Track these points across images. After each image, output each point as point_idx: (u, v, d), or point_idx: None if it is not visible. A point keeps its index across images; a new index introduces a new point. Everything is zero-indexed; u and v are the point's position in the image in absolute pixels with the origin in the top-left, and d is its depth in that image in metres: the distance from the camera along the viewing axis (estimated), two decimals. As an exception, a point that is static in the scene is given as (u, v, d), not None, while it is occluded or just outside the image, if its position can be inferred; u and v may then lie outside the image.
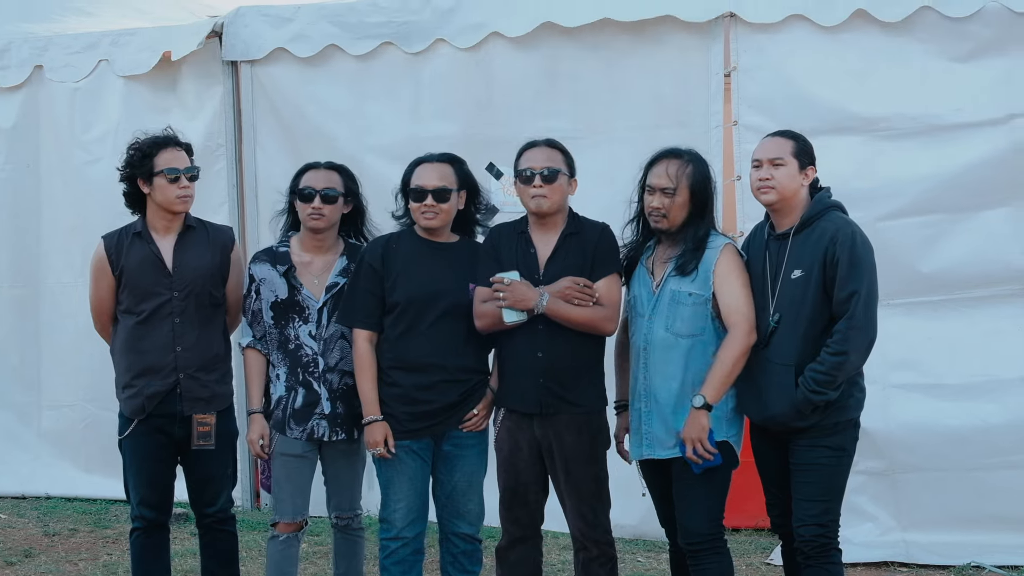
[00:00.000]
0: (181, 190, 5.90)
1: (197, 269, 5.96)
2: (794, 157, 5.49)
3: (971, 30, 7.22)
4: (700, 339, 5.51)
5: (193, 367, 5.94)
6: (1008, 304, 7.27)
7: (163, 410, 5.93)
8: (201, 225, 6.11)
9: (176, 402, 5.93)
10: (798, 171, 5.48)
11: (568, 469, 5.63)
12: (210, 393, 5.99)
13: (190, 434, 5.94)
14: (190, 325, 5.95)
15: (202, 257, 5.99)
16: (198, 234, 6.05)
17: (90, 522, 8.42)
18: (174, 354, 5.93)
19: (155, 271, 5.93)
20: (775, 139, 5.58)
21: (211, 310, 6.02)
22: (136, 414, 5.94)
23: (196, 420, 5.94)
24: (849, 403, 5.44)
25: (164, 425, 5.95)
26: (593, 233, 5.71)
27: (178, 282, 5.93)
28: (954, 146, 7.24)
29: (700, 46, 7.64)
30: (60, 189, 8.94)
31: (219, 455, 6.03)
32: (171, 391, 5.93)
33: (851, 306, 5.30)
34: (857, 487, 6.93)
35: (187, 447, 5.97)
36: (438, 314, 5.70)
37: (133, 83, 8.69)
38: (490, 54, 7.99)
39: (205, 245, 6.03)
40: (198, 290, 5.95)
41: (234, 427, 6.18)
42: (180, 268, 5.95)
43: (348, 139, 8.18)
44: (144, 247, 5.95)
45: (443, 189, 5.74)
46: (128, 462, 6.03)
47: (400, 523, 5.75)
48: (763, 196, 5.54)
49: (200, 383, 5.96)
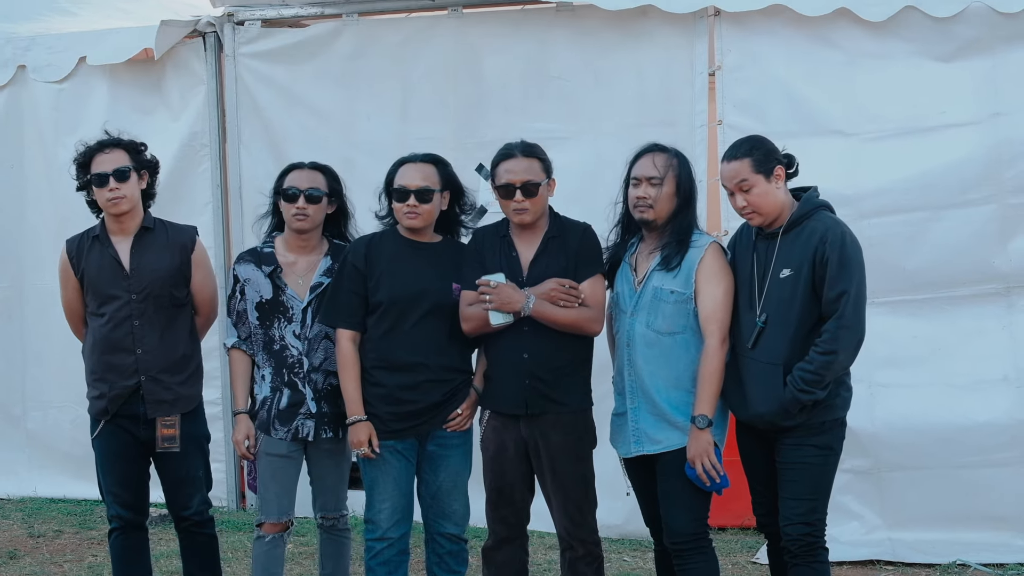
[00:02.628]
0: (110, 192, 5.89)
1: (155, 271, 5.94)
2: (756, 172, 5.43)
3: (955, 30, 7.25)
4: (682, 336, 5.52)
5: (155, 369, 5.92)
6: (991, 303, 7.30)
7: (127, 411, 5.93)
8: (161, 226, 6.09)
9: (139, 404, 5.92)
10: (766, 182, 5.44)
11: (554, 469, 5.63)
12: (173, 396, 5.96)
13: (154, 437, 5.94)
14: (150, 327, 5.93)
15: (160, 259, 5.97)
16: (156, 235, 6.03)
17: (75, 523, 8.40)
18: (135, 356, 5.91)
19: (113, 273, 5.93)
20: (731, 164, 5.48)
21: (173, 311, 6.00)
22: (100, 415, 5.95)
23: (159, 423, 5.92)
24: (836, 402, 5.45)
25: (129, 426, 5.94)
26: (575, 234, 5.71)
27: (135, 284, 5.92)
28: (938, 145, 7.27)
29: (684, 44, 7.67)
30: (44, 190, 8.91)
31: (187, 458, 6.01)
32: (134, 393, 5.92)
33: (840, 306, 5.30)
34: (843, 486, 6.94)
35: (154, 449, 5.97)
36: (421, 314, 5.70)
37: (118, 84, 8.66)
38: (476, 54, 8.01)
39: (164, 246, 6.01)
40: (156, 291, 5.93)
41: (203, 429, 6.15)
42: (137, 270, 5.93)
43: (334, 139, 8.17)
44: (102, 250, 5.96)
45: (426, 189, 5.74)
46: (99, 461, 6.03)
47: (385, 523, 5.74)
48: (751, 221, 5.53)
49: (163, 385, 5.94)
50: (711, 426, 5.44)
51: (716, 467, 5.43)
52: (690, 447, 5.45)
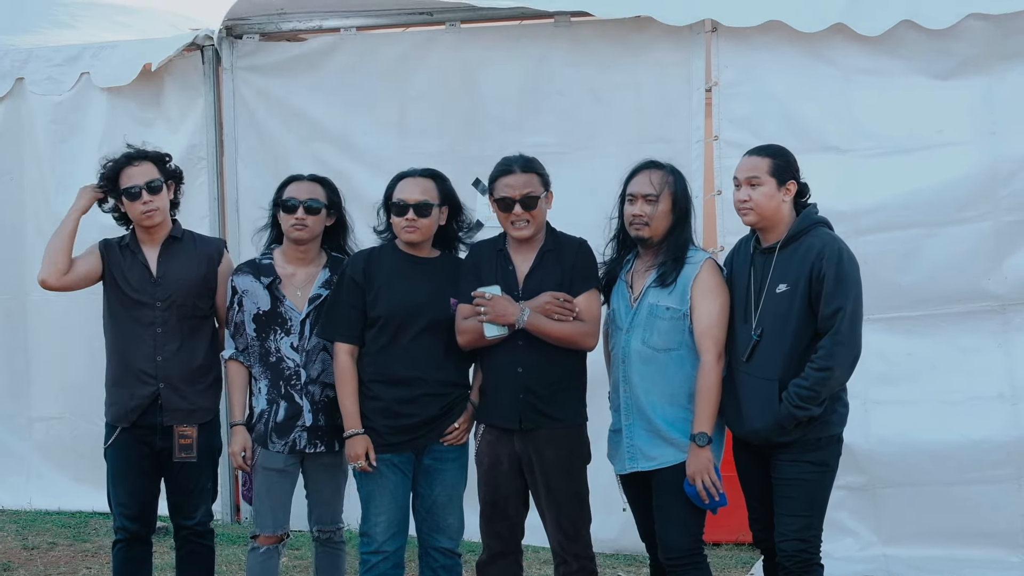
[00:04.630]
0: (143, 206, 5.93)
1: (181, 280, 5.98)
2: (771, 175, 5.48)
3: (952, 48, 7.27)
4: (677, 353, 5.53)
5: (174, 377, 5.95)
6: (986, 320, 7.32)
7: (145, 420, 5.94)
8: (190, 237, 6.16)
9: (157, 413, 5.94)
10: (776, 189, 5.48)
11: (549, 484, 5.63)
12: (191, 405, 5.99)
13: (171, 446, 5.95)
14: (172, 335, 5.96)
15: (188, 268, 6.01)
16: (185, 245, 6.08)
17: (69, 536, 8.39)
18: (155, 363, 5.94)
19: (142, 279, 5.97)
20: (752, 158, 5.57)
21: (196, 321, 6.03)
22: (119, 421, 5.96)
23: (177, 432, 5.95)
24: (832, 418, 5.45)
25: (146, 436, 5.95)
26: (571, 249, 5.73)
27: (161, 291, 5.95)
28: (934, 163, 7.30)
29: (681, 61, 7.68)
30: (43, 201, 8.92)
31: (200, 468, 6.03)
32: (152, 402, 5.93)
33: (836, 322, 5.31)
34: (838, 502, 6.92)
35: (169, 459, 5.97)
36: (419, 328, 5.71)
37: (116, 96, 8.67)
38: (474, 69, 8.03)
39: (192, 256, 6.06)
40: (180, 300, 5.97)
41: (218, 441, 6.19)
42: (164, 278, 5.97)
43: (330, 153, 8.18)
44: (133, 257, 6.00)
45: (425, 204, 5.75)
46: (111, 471, 6.04)
47: (381, 537, 5.74)
48: (743, 217, 5.56)
49: (180, 394, 5.96)
50: (711, 443, 5.45)
51: (716, 484, 5.44)
52: (690, 464, 5.45)
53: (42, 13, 9.62)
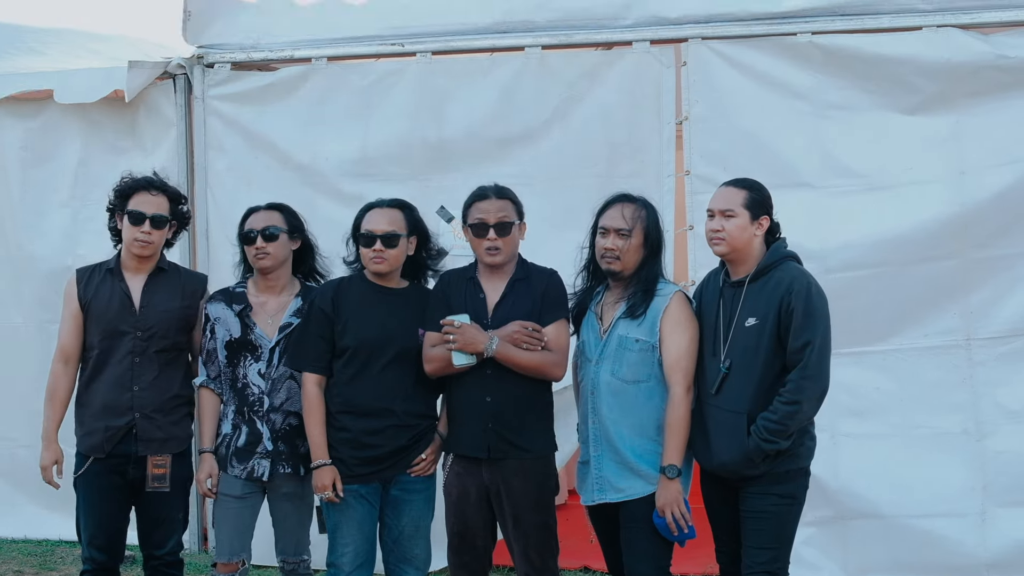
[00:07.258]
0: (141, 234, 5.93)
1: (164, 312, 5.98)
2: (745, 208, 5.52)
3: (917, 84, 7.31)
4: (646, 385, 5.55)
5: (149, 407, 5.94)
6: (953, 355, 7.33)
7: (119, 450, 5.92)
8: (175, 269, 6.16)
9: (131, 443, 5.92)
10: (749, 222, 5.52)
11: (516, 515, 5.63)
12: (165, 435, 5.97)
13: (144, 475, 5.92)
14: (149, 366, 5.95)
15: (171, 300, 6.02)
16: (170, 277, 6.08)
17: (35, 564, 8.32)
18: (131, 393, 5.92)
19: (122, 308, 5.95)
20: (728, 189, 5.61)
21: (173, 353, 6.03)
22: (94, 452, 5.93)
23: (151, 461, 5.93)
24: (800, 451, 5.47)
25: (119, 466, 5.93)
26: (541, 279, 5.75)
27: (142, 322, 5.94)
28: (904, 202, 7.30)
29: (652, 95, 7.68)
30: (11, 230, 8.85)
31: (172, 498, 6.01)
32: (128, 432, 5.91)
33: (805, 356, 5.33)
34: (806, 538, 6.98)
35: (141, 488, 5.95)
36: (388, 359, 5.71)
37: (91, 125, 8.59)
38: (442, 99, 8.03)
39: (176, 289, 6.06)
40: (161, 332, 5.97)
41: (189, 472, 6.16)
42: (146, 308, 5.97)
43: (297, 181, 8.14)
44: (114, 284, 5.99)
45: (392, 235, 5.76)
46: (81, 501, 6.01)
47: (348, 567, 5.72)
48: (714, 247, 5.59)
49: (155, 424, 5.95)
50: (680, 476, 5.45)
51: (686, 516, 5.45)
52: (660, 496, 5.46)
53: (11, 40, 9.56)
